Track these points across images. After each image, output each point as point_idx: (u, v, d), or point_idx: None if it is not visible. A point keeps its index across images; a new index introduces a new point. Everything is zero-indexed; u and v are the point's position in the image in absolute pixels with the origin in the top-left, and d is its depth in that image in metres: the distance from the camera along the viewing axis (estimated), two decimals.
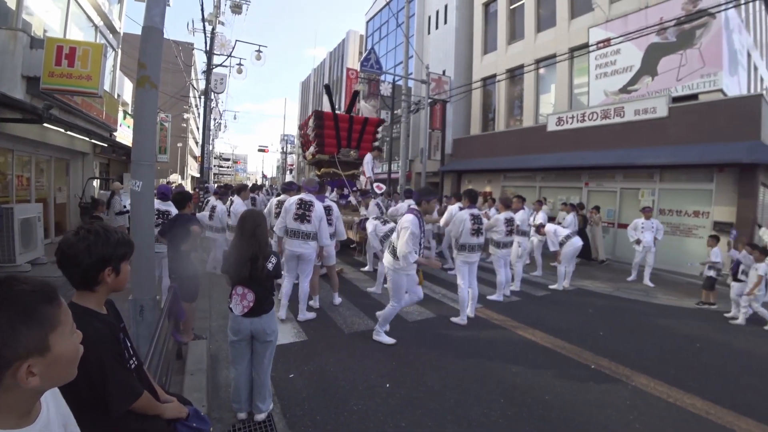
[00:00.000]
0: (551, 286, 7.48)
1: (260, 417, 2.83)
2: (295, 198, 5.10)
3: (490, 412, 3.12)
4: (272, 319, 2.80)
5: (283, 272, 4.87)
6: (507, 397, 3.35)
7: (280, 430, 2.79)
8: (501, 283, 6.34)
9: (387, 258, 4.39)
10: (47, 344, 0.76)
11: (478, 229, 5.17)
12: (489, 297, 6.37)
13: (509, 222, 6.18)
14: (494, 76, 16.25)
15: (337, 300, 5.72)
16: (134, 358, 1.49)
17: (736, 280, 6.12)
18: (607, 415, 3.15)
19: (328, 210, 5.46)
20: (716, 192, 9.13)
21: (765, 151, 8.34)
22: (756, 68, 13.39)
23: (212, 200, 7.35)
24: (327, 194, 10.30)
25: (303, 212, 4.89)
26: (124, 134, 13.26)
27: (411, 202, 7.37)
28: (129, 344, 1.49)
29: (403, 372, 3.75)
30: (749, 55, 12.30)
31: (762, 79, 14.45)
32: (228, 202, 7.24)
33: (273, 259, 2.76)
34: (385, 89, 19.93)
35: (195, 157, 46.34)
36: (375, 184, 9.41)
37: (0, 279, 0.77)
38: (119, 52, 12.78)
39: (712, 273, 6.65)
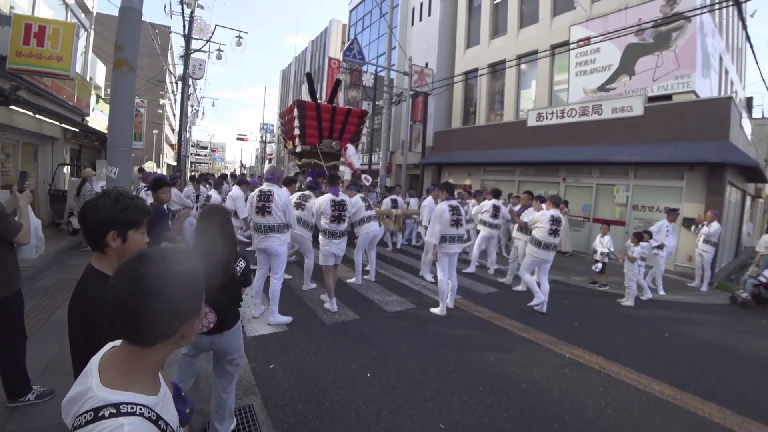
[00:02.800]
0: None
1: None
2: (256, 189, 4.79)
3: (470, 399, 3.19)
4: (235, 336, 2.45)
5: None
6: (485, 385, 3.43)
7: (261, 420, 2.78)
8: (545, 291, 5.63)
9: None
10: (200, 309, 0.95)
11: (457, 220, 5.17)
12: (530, 303, 5.72)
13: (555, 221, 5.59)
14: (476, 70, 16.35)
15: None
16: None
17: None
18: (581, 401, 3.27)
19: (341, 205, 5.12)
20: (686, 189, 9.49)
21: (733, 152, 8.70)
22: (727, 72, 13.93)
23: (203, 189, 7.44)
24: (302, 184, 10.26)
25: (263, 204, 4.55)
26: (97, 119, 12.76)
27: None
28: None
29: (384, 362, 3.78)
30: (721, 59, 12.77)
31: (732, 83, 15.04)
32: (224, 192, 7.35)
33: (241, 263, 2.39)
34: (367, 80, 19.79)
35: (171, 145, 45.04)
36: (363, 176, 9.40)
37: (176, 257, 0.92)
38: (92, 32, 12.24)
39: (605, 260, 7.28)
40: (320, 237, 5.16)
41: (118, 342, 0.95)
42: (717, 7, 10.27)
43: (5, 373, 2.71)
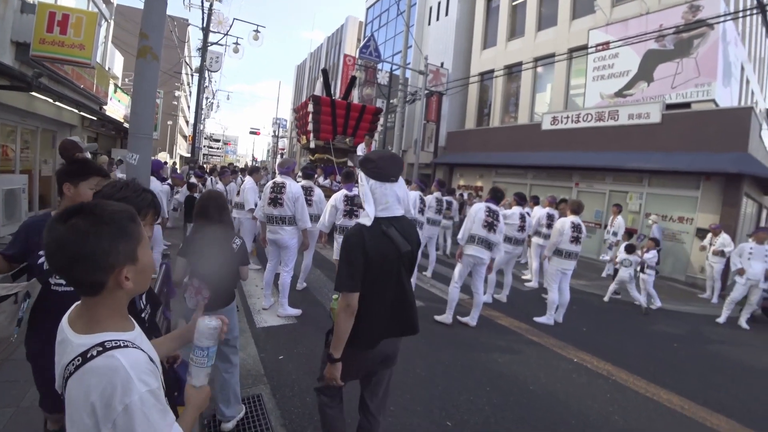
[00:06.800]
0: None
1: (227, 427, 2.53)
2: (270, 181, 4.84)
3: (477, 399, 3.20)
4: (228, 316, 2.38)
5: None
6: (493, 385, 3.43)
7: (270, 409, 2.82)
8: (554, 302, 5.37)
9: None
10: (136, 255, 0.93)
11: (491, 223, 4.69)
12: (536, 319, 5.39)
13: (576, 228, 5.27)
14: (492, 71, 16.24)
15: None
16: (145, 311, 1.52)
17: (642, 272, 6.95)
18: (588, 406, 3.26)
19: (353, 201, 4.95)
20: (701, 199, 9.35)
21: (751, 163, 8.56)
22: (748, 81, 13.67)
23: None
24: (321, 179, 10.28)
25: (275, 195, 4.61)
26: (114, 108, 12.95)
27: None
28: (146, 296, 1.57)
29: None
30: (743, 68, 12.54)
31: (753, 93, 14.75)
32: (239, 182, 7.42)
33: (237, 241, 2.47)
34: (382, 78, 19.79)
35: (185, 137, 45.54)
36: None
37: (93, 203, 0.91)
38: (112, 23, 12.41)
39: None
40: (334, 233, 5.13)
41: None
42: (741, 15, 10.10)
43: None
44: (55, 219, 0.86)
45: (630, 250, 6.89)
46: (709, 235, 7.99)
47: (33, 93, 7.15)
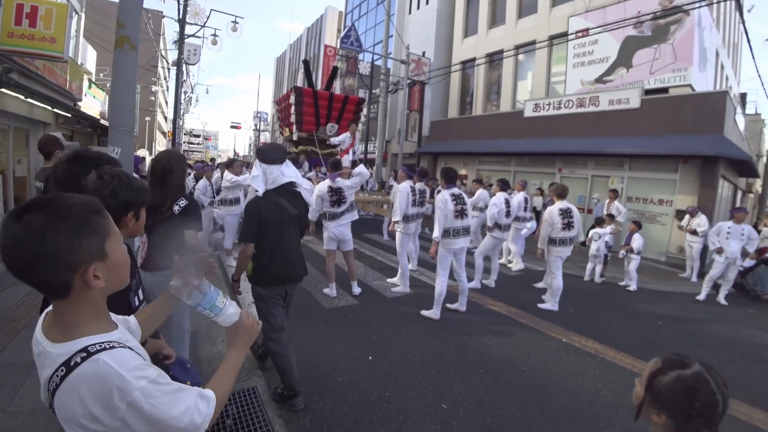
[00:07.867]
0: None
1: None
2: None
3: (470, 381, 3.25)
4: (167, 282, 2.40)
5: None
6: (485, 368, 3.49)
7: (265, 401, 2.81)
8: (559, 288, 5.35)
9: None
10: (105, 250, 0.85)
11: (462, 210, 4.60)
12: (540, 305, 5.41)
13: (566, 214, 5.28)
14: (474, 59, 16.28)
15: (356, 290, 5.28)
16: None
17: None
18: (578, 384, 3.35)
19: (338, 191, 5.03)
20: (680, 182, 9.60)
21: (727, 145, 8.81)
22: (722, 66, 14.02)
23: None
24: (305, 171, 10.21)
25: None
26: (89, 104, 12.54)
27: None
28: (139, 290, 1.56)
29: (385, 345, 3.83)
30: (717, 54, 12.85)
31: (727, 78, 15.14)
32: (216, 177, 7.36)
33: (182, 202, 2.36)
34: (364, 68, 19.64)
35: (164, 133, 44.52)
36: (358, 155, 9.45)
37: (51, 196, 0.82)
38: (83, 15, 11.96)
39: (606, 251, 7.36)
40: (323, 221, 5.12)
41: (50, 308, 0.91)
42: (716, 1, 10.29)
43: None
44: (9, 217, 0.78)
45: (599, 222, 7.28)
46: (687, 216, 8.24)
47: (2, 89, 6.87)
